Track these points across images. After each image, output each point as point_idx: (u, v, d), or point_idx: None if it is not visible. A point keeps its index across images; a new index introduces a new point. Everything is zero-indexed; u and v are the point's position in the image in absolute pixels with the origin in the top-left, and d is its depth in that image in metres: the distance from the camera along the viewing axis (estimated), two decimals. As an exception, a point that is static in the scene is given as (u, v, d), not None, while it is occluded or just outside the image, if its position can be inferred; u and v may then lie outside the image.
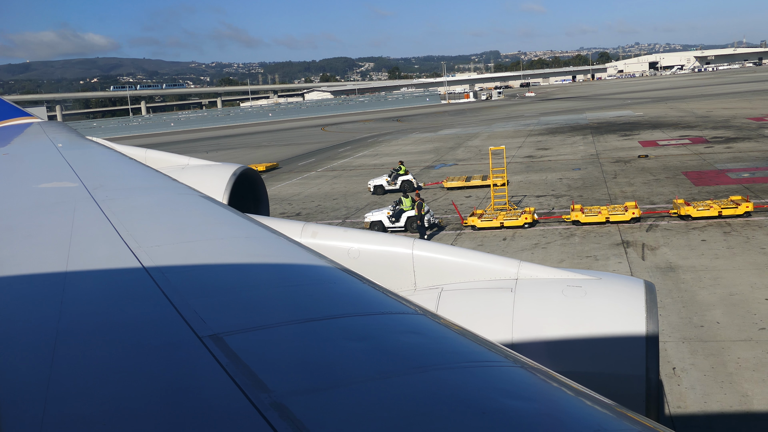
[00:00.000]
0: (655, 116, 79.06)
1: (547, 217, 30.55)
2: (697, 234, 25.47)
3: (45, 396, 2.05)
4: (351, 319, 2.60)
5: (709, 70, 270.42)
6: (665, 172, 39.55)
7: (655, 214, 28.95)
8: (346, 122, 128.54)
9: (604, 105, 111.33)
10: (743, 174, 36.73)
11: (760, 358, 14.57)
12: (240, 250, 3.77)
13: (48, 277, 3.37)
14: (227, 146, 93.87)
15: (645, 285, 4.67)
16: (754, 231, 25.07)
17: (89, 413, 1.96)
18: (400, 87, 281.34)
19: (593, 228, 27.76)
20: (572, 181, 39.77)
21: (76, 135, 12.57)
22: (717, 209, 27.13)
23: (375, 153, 67.09)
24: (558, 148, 56.50)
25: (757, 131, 55.14)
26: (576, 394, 2.09)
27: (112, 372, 2.23)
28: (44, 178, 7.15)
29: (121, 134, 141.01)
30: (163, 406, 1.97)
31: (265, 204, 10.56)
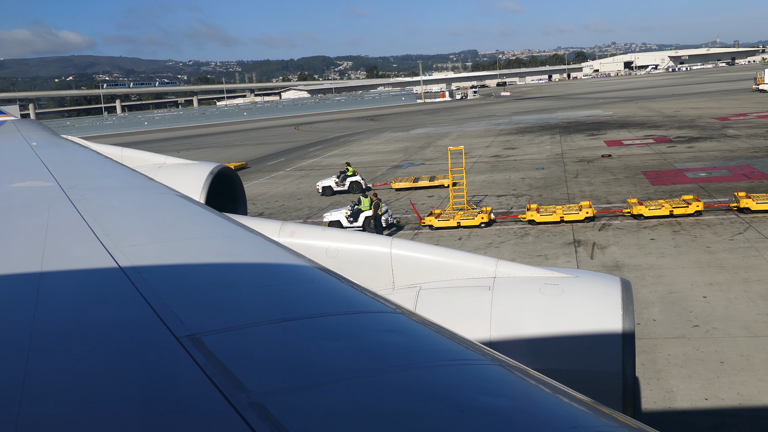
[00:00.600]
0: (624, 116, 79.88)
1: (504, 216, 30.87)
2: (647, 233, 25.89)
3: (19, 398, 2.03)
4: (329, 319, 2.60)
5: (683, 69, 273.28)
6: (625, 172, 40.06)
7: (610, 214, 29.36)
8: (321, 121, 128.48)
9: (576, 104, 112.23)
10: (700, 173, 37.31)
11: (689, 354, 14.92)
12: (218, 250, 3.76)
13: (22, 277, 3.32)
14: (199, 145, 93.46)
15: (621, 282, 4.71)
16: (702, 230, 25.53)
17: (65, 415, 1.94)
18: (377, 86, 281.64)
19: (548, 227, 28.10)
20: (534, 180, 40.16)
21: (50, 133, 12.41)
22: (668, 208, 27.59)
23: (345, 152, 67.19)
24: (525, 148, 56.95)
25: (719, 131, 55.95)
26: (553, 391, 2.11)
27: (89, 373, 2.20)
28: (18, 177, 7.05)
29: (94, 133, 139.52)
30: (140, 407, 1.95)
31: (242, 203, 10.52)
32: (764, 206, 26.87)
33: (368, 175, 49.12)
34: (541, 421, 1.86)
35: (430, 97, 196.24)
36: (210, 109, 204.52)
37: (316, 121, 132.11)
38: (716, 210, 28.33)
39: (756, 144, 46.27)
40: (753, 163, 39.07)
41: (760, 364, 14.21)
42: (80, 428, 1.86)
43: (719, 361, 14.54)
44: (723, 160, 41.18)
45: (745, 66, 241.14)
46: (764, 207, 26.86)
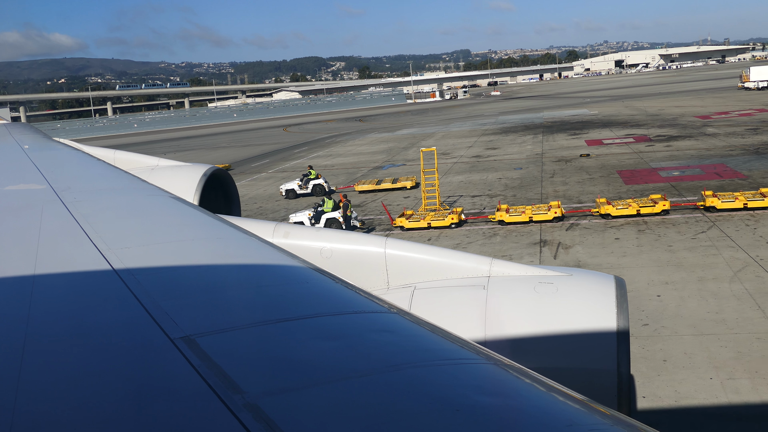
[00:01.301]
0: (608, 115, 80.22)
1: (474, 217, 31.09)
2: (613, 233, 26.13)
3: (14, 400, 2.03)
4: (324, 319, 2.60)
5: (674, 67, 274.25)
6: (601, 171, 40.33)
7: (579, 213, 29.61)
8: (310, 122, 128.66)
9: (563, 104, 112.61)
10: (674, 172, 37.60)
11: (634, 353, 15.11)
12: (212, 251, 3.76)
13: (15, 280, 3.31)
14: (186, 147, 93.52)
15: (615, 280, 4.71)
16: (666, 229, 25.79)
17: (59, 417, 1.94)
18: (368, 86, 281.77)
19: (517, 228, 28.33)
20: (510, 180, 40.39)
21: (42, 136, 12.43)
22: (635, 208, 27.84)
23: (329, 154, 67.39)
24: (506, 148, 57.20)
25: (699, 129, 56.29)
26: (548, 389, 2.11)
27: (83, 376, 2.20)
28: (10, 180, 7.02)
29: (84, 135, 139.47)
30: (135, 409, 1.95)
31: (236, 204, 10.51)
32: (729, 205, 27.15)
33: (349, 176, 49.36)
34: (537, 420, 1.87)
35: (421, 97, 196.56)
36: (201, 111, 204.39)
37: (305, 122, 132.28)
38: (683, 209, 28.60)
39: (732, 142, 46.59)
40: (726, 161, 39.37)
41: (701, 362, 14.44)
42: (75, 430, 1.87)
43: (662, 359, 14.78)
44: (698, 158, 41.49)
45: (735, 64, 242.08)
46: (729, 206, 27.14)
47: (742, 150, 42.84)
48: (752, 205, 26.98)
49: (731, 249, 22.44)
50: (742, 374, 13.72)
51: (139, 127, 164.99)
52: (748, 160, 39.08)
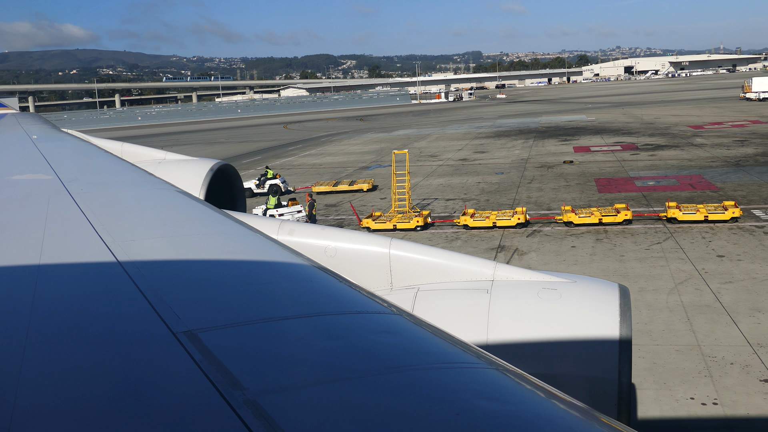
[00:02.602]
0: (604, 122, 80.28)
1: (441, 220, 31.35)
2: (571, 240, 26.35)
3: (15, 392, 2.03)
4: (327, 318, 2.60)
5: (683, 75, 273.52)
6: (579, 179, 40.51)
7: (544, 220, 29.83)
8: (311, 120, 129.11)
9: (564, 109, 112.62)
10: (649, 182, 37.75)
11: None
12: (216, 247, 3.76)
13: (20, 270, 3.32)
14: (184, 142, 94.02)
15: (619, 288, 4.70)
16: (624, 239, 25.99)
17: (60, 409, 1.94)
18: (376, 86, 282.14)
19: (480, 232, 28.58)
20: (488, 185, 40.62)
21: (51, 127, 12.36)
22: (598, 217, 28.04)
23: (321, 152, 67.75)
24: (495, 152, 57.40)
25: (688, 139, 56.36)
26: (549, 396, 2.11)
27: (84, 368, 2.21)
28: (18, 170, 7.04)
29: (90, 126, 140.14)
30: (136, 403, 1.94)
31: (242, 200, 10.53)
32: (690, 217, 27.32)
33: (334, 175, 49.66)
34: (536, 426, 1.87)
35: (428, 97, 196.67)
36: (207, 106, 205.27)
37: (306, 120, 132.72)
38: (646, 219, 28.80)
39: (716, 154, 46.68)
40: (704, 172, 39.50)
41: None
42: (75, 422, 1.87)
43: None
44: (677, 169, 41.63)
45: (746, 73, 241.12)
46: (690, 217, 27.32)
47: (723, 162, 42.94)
48: (712, 217, 27.14)
49: (680, 261, 22.64)
50: (650, 385, 13.95)
51: (143, 120, 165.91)
52: (726, 172, 39.18)
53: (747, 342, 15.79)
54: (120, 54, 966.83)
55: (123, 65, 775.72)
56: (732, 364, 14.76)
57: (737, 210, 27.21)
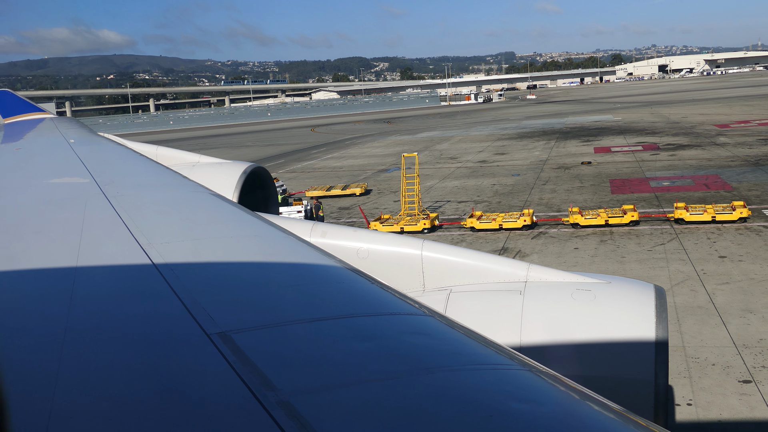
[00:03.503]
0: (630, 121, 79.56)
1: (450, 223, 31.55)
2: (575, 242, 26.36)
3: (53, 390, 2.07)
4: (359, 319, 2.61)
5: (718, 73, 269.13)
6: (594, 180, 40.36)
7: (551, 222, 29.85)
8: (339, 123, 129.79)
9: (592, 109, 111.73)
10: (664, 182, 37.48)
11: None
12: (249, 249, 3.81)
13: (58, 272, 3.39)
14: (212, 145, 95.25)
15: (655, 289, 4.65)
16: (629, 240, 25.92)
17: (96, 408, 1.98)
18: (407, 88, 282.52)
19: (486, 234, 28.71)
20: (503, 187, 40.65)
21: (87, 131, 12.63)
22: (604, 218, 27.99)
23: (343, 155, 68.20)
24: (514, 153, 57.31)
25: (711, 139, 55.68)
26: (583, 398, 2.09)
27: (120, 368, 2.25)
28: (56, 174, 7.21)
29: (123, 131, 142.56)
30: (170, 402, 1.98)
31: (274, 202, 10.66)
32: (698, 217, 27.15)
33: (352, 178, 50.04)
34: (571, 428, 1.85)
35: (458, 99, 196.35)
36: (239, 109, 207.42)
37: (335, 122, 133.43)
38: (654, 220, 28.67)
39: (737, 153, 46.10)
40: (721, 172, 39.09)
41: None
42: (110, 421, 1.91)
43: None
44: (695, 168, 41.24)
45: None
46: (698, 218, 27.14)
47: (742, 161, 42.41)
48: (720, 218, 26.94)
49: (681, 262, 22.56)
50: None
51: (175, 124, 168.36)
52: (743, 171, 38.73)
53: (732, 343, 15.77)
54: (156, 59, 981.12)
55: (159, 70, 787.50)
56: (714, 365, 14.77)
57: (745, 210, 26.97)
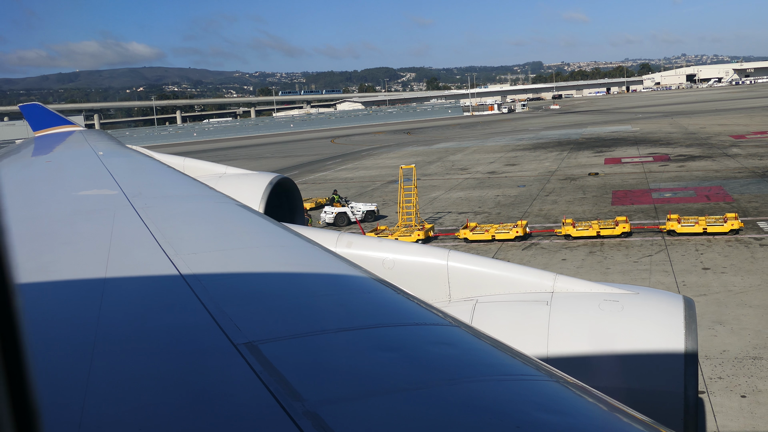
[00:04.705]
0: (647, 132, 79.15)
1: (444, 234, 31.83)
2: (564, 253, 26.51)
3: (83, 398, 2.09)
4: (385, 330, 2.61)
5: (747, 83, 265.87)
6: (598, 191, 40.38)
7: (545, 233, 30.01)
8: (360, 134, 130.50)
9: (612, 119, 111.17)
10: (666, 194, 37.42)
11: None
12: (275, 259, 3.84)
13: (87, 282, 3.43)
14: (232, 157, 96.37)
15: (684, 300, 4.59)
16: (618, 251, 26.02)
17: (124, 417, 2.01)
18: (431, 98, 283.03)
19: (479, 245, 28.96)
20: (506, 198, 40.84)
21: (116, 143, 12.90)
22: (596, 229, 28.09)
23: (356, 167, 68.72)
24: (525, 165, 57.39)
25: (723, 150, 55.30)
26: (612, 409, 2.10)
27: (148, 377, 2.27)
28: (85, 185, 7.30)
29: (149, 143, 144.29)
30: (198, 413, 1.99)
31: (300, 213, 10.77)
32: (689, 229, 27.16)
33: (361, 189, 50.51)
34: None
35: (482, 109, 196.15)
36: (264, 121, 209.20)
37: (356, 133, 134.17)
38: (647, 232, 28.71)
39: (746, 164, 45.80)
40: (725, 183, 38.90)
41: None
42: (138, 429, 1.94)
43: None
44: (700, 180, 41.08)
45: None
46: (689, 230, 27.15)
47: (750, 173, 42.16)
48: (711, 230, 26.93)
49: (664, 273, 22.63)
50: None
51: (199, 135, 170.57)
52: (748, 183, 38.52)
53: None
54: (185, 71, 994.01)
55: (188, 82, 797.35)
56: (672, 376, 14.87)
57: (737, 222, 26.92)
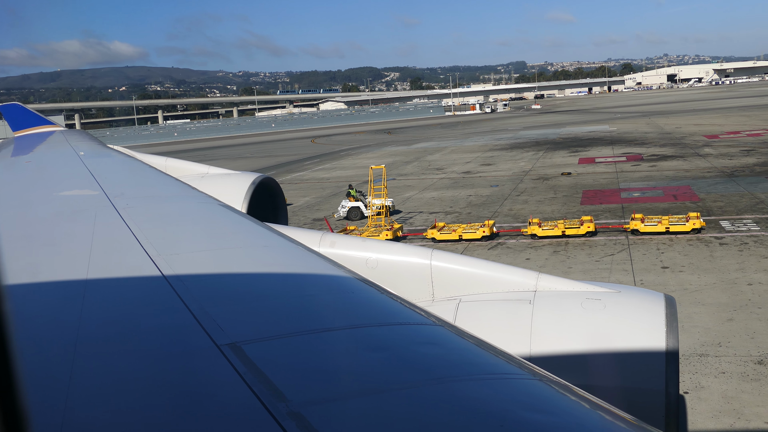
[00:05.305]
0: (623, 132, 79.80)
1: (413, 234, 32.01)
2: (528, 252, 26.78)
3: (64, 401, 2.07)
4: (369, 330, 2.60)
5: (727, 83, 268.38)
6: (569, 191, 40.74)
7: (512, 233, 30.26)
8: (341, 134, 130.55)
9: (591, 119, 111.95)
10: (634, 194, 37.82)
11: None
12: (259, 260, 3.81)
13: (69, 283, 3.39)
14: (211, 157, 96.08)
15: (665, 299, 4.62)
16: (582, 250, 26.31)
17: (107, 419, 1.98)
18: (414, 98, 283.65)
19: (446, 245, 29.13)
20: (478, 198, 41.10)
21: (97, 143, 12.72)
22: (561, 229, 28.38)
23: (334, 167, 68.84)
24: (500, 164, 57.72)
25: (696, 149, 55.92)
26: (594, 407, 2.09)
27: (130, 379, 2.25)
28: (65, 186, 7.19)
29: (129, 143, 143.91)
30: (181, 414, 1.97)
31: (283, 213, 10.67)
32: (652, 228, 27.51)
33: (336, 189, 50.62)
34: None
35: (465, 109, 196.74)
36: (246, 121, 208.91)
37: (337, 133, 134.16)
38: (612, 231, 29.03)
39: (716, 164, 46.35)
40: (694, 183, 39.38)
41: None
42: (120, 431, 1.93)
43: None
44: (670, 180, 41.56)
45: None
46: (652, 229, 27.51)
47: (719, 173, 42.67)
48: (674, 229, 27.28)
49: (623, 272, 22.94)
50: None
51: (180, 135, 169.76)
52: (716, 183, 39.00)
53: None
54: (168, 70, 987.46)
55: (171, 81, 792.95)
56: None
57: (699, 221, 27.29)
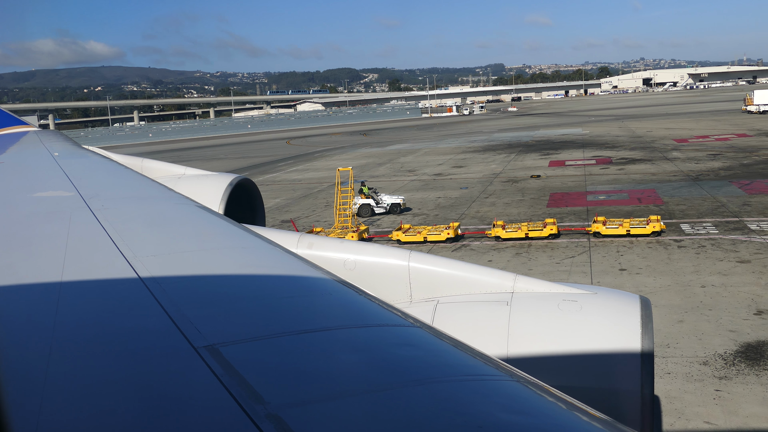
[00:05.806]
0: (595, 135, 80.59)
1: (380, 235, 32.16)
2: (491, 254, 27.04)
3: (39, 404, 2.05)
4: (347, 331, 2.61)
5: (701, 87, 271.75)
6: (537, 193, 41.12)
7: (477, 234, 30.50)
8: (316, 135, 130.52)
9: (566, 122, 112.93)
10: (600, 196, 38.27)
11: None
12: (236, 261, 3.80)
13: (42, 286, 3.35)
14: (186, 158, 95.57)
15: (640, 300, 4.67)
16: (543, 253, 26.59)
17: (82, 423, 1.97)
18: (391, 99, 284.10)
19: (411, 247, 29.27)
20: (447, 200, 41.37)
21: (72, 144, 12.58)
22: (524, 231, 28.66)
23: (306, 168, 68.89)
24: (472, 167, 58.08)
25: (665, 153, 56.68)
26: (571, 408, 2.10)
27: (107, 382, 2.23)
28: (39, 187, 7.11)
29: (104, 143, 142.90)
30: (157, 417, 1.96)
31: (261, 214, 10.67)
32: (613, 231, 27.87)
33: (307, 190, 50.68)
34: None
35: (442, 111, 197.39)
36: (222, 121, 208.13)
37: (313, 134, 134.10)
38: (575, 233, 29.36)
39: (683, 168, 47.01)
40: (659, 187, 39.91)
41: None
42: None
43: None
44: (636, 183, 42.08)
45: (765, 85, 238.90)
46: (613, 232, 27.87)
47: (684, 176, 43.29)
48: (635, 231, 27.66)
49: (582, 275, 23.22)
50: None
51: (155, 136, 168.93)
52: (680, 186, 39.56)
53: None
54: (145, 70, 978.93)
55: (148, 81, 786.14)
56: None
57: (659, 224, 27.69)
